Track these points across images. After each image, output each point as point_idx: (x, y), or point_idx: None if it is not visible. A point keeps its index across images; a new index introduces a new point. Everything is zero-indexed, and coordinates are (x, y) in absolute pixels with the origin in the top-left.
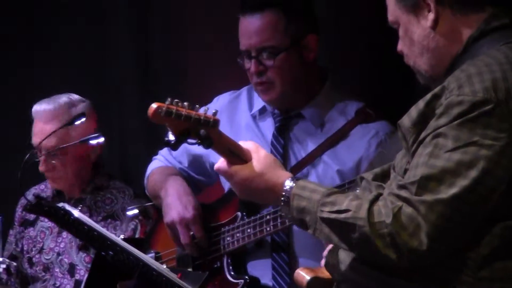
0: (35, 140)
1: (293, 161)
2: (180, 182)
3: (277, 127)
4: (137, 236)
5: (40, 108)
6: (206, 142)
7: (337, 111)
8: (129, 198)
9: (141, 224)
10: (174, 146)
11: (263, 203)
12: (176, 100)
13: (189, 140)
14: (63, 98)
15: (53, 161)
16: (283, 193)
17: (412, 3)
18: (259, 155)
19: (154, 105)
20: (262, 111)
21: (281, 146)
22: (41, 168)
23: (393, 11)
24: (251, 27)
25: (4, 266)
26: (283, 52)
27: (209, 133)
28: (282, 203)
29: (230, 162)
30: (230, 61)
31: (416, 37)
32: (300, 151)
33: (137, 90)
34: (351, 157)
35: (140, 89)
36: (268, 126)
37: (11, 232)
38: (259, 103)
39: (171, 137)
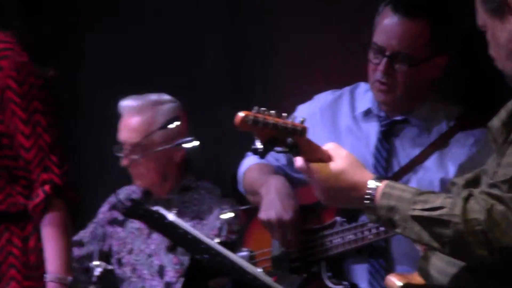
0: (120, 135)
1: (395, 166)
2: (283, 182)
3: (383, 131)
4: (223, 235)
5: (126, 103)
6: (294, 151)
7: (440, 117)
8: (216, 198)
9: (227, 223)
10: (261, 155)
11: (344, 204)
12: (263, 108)
13: (277, 148)
14: (152, 96)
15: (136, 157)
16: (368, 192)
17: (495, 7)
18: (340, 154)
19: (241, 114)
20: (367, 113)
21: (386, 151)
22: (124, 163)
23: (481, 15)
24: (396, 29)
25: (100, 269)
26: (418, 64)
27: (296, 141)
28: (366, 202)
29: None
30: (318, 69)
31: (502, 40)
32: (403, 157)
33: (229, 91)
34: (453, 165)
35: (232, 91)
36: (373, 129)
37: (86, 230)
38: (363, 104)
39: (258, 145)
